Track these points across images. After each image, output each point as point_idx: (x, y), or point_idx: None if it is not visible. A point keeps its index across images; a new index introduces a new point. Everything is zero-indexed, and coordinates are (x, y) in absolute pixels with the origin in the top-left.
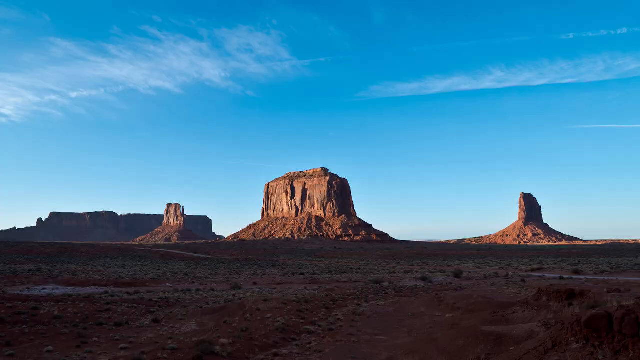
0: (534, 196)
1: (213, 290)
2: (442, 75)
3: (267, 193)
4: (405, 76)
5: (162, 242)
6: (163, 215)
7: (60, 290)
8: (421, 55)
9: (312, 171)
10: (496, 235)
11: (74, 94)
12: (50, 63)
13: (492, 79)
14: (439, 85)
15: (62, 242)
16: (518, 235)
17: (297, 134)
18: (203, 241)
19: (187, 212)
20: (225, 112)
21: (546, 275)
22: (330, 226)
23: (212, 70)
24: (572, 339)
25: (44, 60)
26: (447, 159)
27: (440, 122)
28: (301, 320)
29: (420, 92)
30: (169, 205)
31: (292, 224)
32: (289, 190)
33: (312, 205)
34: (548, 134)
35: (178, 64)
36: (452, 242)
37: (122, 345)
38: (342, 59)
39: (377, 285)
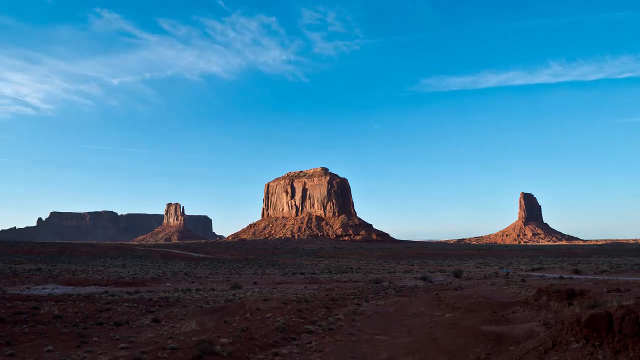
0: (534, 196)
1: (213, 289)
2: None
3: (267, 193)
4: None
5: (162, 242)
6: (163, 215)
7: (60, 290)
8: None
9: (312, 171)
10: (496, 235)
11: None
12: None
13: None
14: (491, 79)
15: (62, 241)
16: (518, 235)
17: (337, 131)
18: (203, 241)
19: (187, 212)
20: (236, 107)
21: (546, 275)
22: (330, 226)
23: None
24: (572, 338)
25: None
26: (447, 159)
27: (449, 120)
28: (301, 320)
29: (473, 86)
30: (169, 205)
31: (292, 224)
32: (289, 190)
33: (312, 205)
34: (548, 134)
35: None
36: (452, 242)
37: (122, 344)
38: (416, 39)
39: (377, 285)
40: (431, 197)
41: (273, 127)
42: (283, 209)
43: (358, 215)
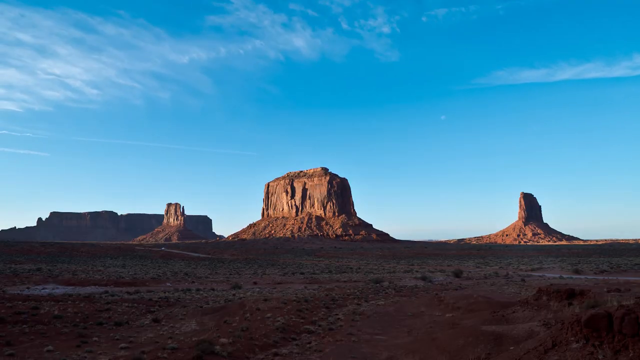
0: (534, 196)
1: (213, 289)
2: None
3: (267, 193)
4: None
5: (162, 242)
6: (163, 215)
7: (60, 290)
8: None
9: (312, 171)
10: (496, 234)
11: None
12: None
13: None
14: (568, 71)
15: (63, 241)
16: (518, 235)
17: (338, 131)
18: (203, 241)
19: (187, 212)
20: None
21: (546, 274)
22: (331, 226)
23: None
24: (572, 338)
25: None
26: (447, 159)
27: (450, 120)
28: (301, 320)
29: (545, 79)
30: (169, 205)
31: (292, 224)
32: (289, 190)
33: (312, 205)
34: (548, 134)
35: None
36: (452, 242)
37: (122, 344)
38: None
39: (377, 284)
40: (431, 197)
41: (273, 126)
42: (283, 209)
43: (358, 215)
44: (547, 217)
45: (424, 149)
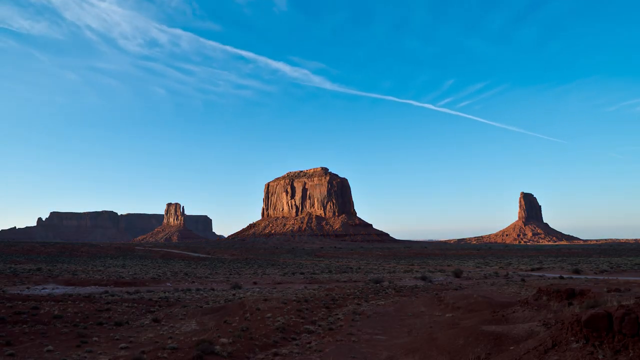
0: (534, 196)
1: (213, 289)
2: None
3: (267, 193)
4: None
5: (162, 242)
6: (163, 215)
7: (60, 290)
8: None
9: (312, 171)
10: (496, 234)
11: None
12: None
13: None
14: None
15: (63, 241)
16: (518, 235)
17: (337, 131)
18: (203, 241)
19: (187, 212)
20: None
21: (546, 274)
22: (331, 226)
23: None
24: (572, 338)
25: None
26: (447, 159)
27: (450, 120)
28: (301, 320)
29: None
30: (169, 205)
31: (292, 224)
32: (289, 190)
33: (312, 205)
34: (549, 134)
35: None
36: (452, 242)
37: (122, 344)
38: None
39: (377, 284)
40: (431, 197)
41: (273, 126)
42: (283, 209)
43: (358, 215)
44: (547, 217)
45: (424, 149)
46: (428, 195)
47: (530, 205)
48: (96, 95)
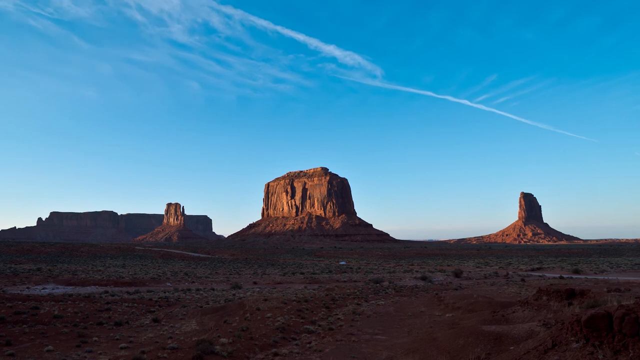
0: (534, 196)
1: (213, 289)
2: None
3: (267, 193)
4: None
5: (162, 242)
6: (163, 215)
7: (60, 290)
8: None
9: (312, 171)
10: (496, 234)
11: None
12: None
13: None
14: None
15: (63, 241)
16: (518, 235)
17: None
18: (203, 241)
19: (187, 212)
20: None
21: (546, 274)
22: (331, 226)
23: None
24: (572, 338)
25: None
26: (447, 159)
27: (449, 120)
28: (301, 320)
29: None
30: (169, 205)
31: (293, 224)
32: (289, 190)
33: (312, 205)
34: (549, 134)
35: None
36: (452, 242)
37: (122, 344)
38: None
39: (377, 284)
40: (431, 197)
41: (274, 126)
42: (283, 209)
43: (358, 215)
44: (547, 217)
45: (424, 149)
46: (428, 195)
47: (530, 205)
48: (129, 89)
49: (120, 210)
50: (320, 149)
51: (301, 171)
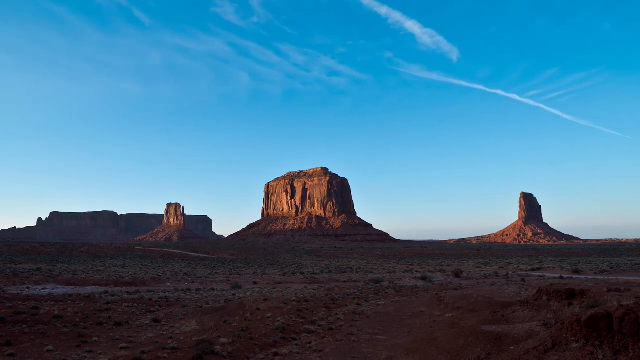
0: (534, 196)
1: (213, 289)
2: None
3: (267, 192)
4: None
5: (163, 242)
6: (163, 215)
7: (60, 290)
8: None
9: (312, 171)
10: (496, 234)
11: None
12: None
13: None
14: None
15: (63, 241)
16: (518, 235)
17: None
18: (203, 241)
19: (187, 212)
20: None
21: (546, 274)
22: (331, 225)
23: None
24: (572, 338)
25: None
26: (447, 159)
27: (449, 120)
28: (301, 320)
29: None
30: (169, 205)
31: (293, 224)
32: (289, 190)
33: (312, 205)
34: (549, 134)
35: None
36: (452, 242)
37: (122, 344)
38: None
39: (377, 284)
40: (431, 197)
41: (273, 126)
42: (283, 209)
43: (358, 215)
44: (547, 217)
45: (424, 148)
46: (428, 195)
47: (530, 205)
48: (174, 82)
49: (120, 210)
50: (320, 149)
51: (301, 171)
